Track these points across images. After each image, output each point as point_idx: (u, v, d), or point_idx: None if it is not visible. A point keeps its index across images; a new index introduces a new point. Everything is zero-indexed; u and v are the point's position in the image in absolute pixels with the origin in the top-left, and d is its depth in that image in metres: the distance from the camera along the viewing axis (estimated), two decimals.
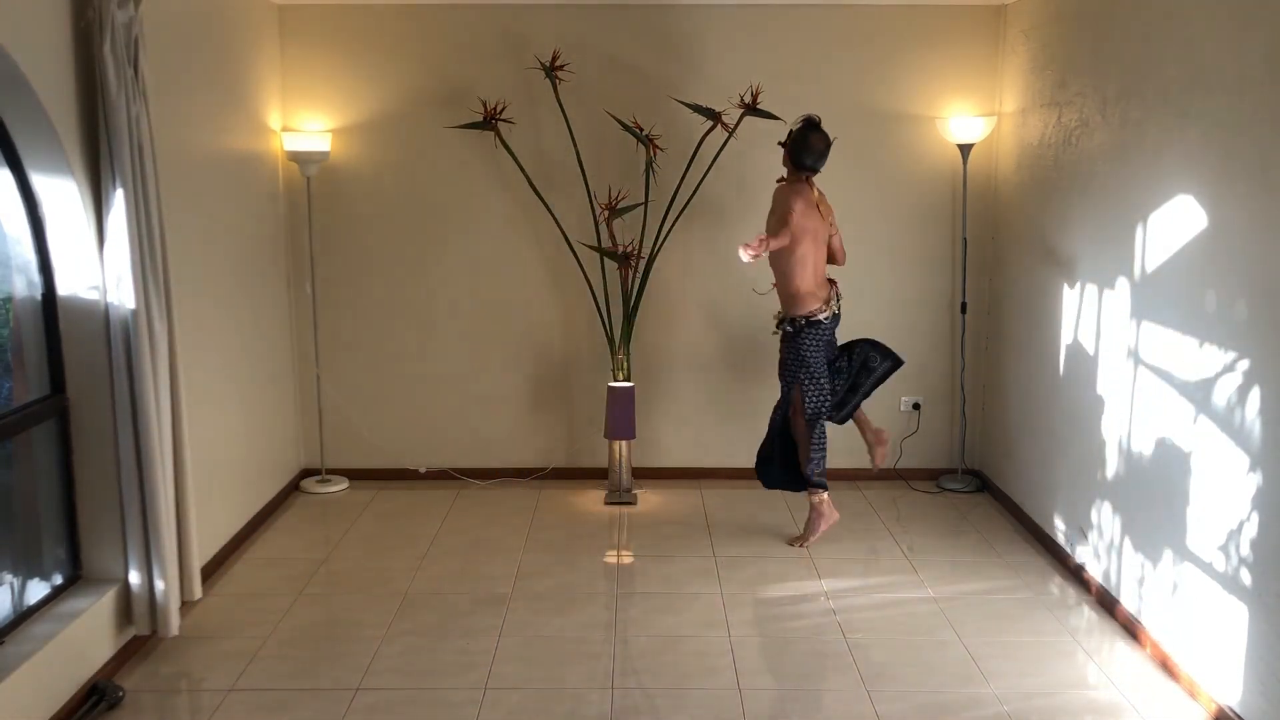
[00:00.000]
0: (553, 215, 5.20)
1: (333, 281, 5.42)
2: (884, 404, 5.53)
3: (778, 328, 4.65)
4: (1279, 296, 2.98)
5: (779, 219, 4.46)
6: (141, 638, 3.66)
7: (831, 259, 4.65)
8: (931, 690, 3.45)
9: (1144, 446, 3.76)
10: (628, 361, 5.24)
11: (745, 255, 4.21)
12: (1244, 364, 3.14)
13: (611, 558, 4.60)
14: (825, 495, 4.64)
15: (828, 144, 4.46)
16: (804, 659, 3.67)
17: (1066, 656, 3.69)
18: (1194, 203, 3.42)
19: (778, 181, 4.61)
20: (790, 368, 4.59)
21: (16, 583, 3.33)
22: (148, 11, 3.57)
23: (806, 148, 4.43)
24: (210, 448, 4.29)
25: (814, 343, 4.53)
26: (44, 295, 3.38)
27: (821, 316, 4.50)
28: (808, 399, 4.56)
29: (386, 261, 5.43)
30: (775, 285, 4.64)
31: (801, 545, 4.67)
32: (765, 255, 4.36)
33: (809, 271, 4.47)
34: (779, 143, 4.56)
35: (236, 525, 4.63)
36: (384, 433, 5.57)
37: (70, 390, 3.46)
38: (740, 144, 5.15)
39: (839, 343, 4.74)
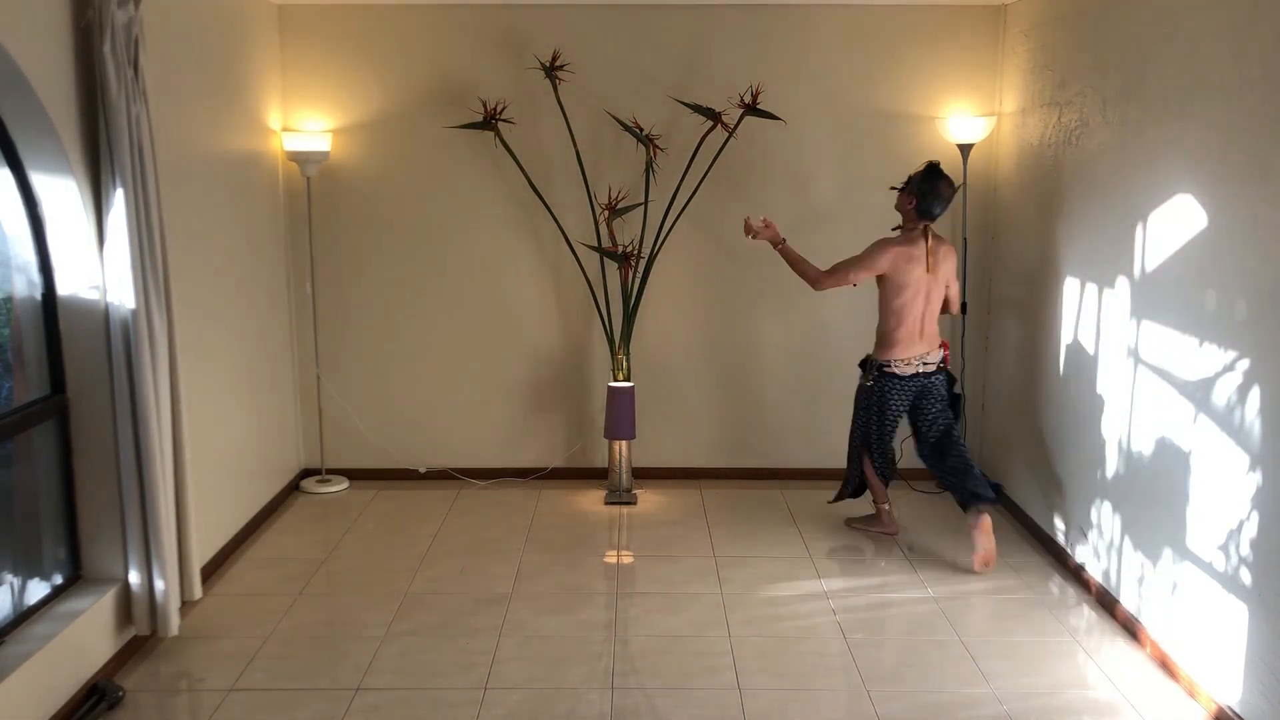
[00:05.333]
0: (553, 215, 5.19)
1: (333, 281, 5.42)
2: None
3: (861, 364, 4.65)
4: (1279, 296, 2.98)
5: (856, 263, 4.47)
6: (141, 638, 3.66)
7: (945, 308, 4.58)
8: (931, 690, 3.45)
9: (1144, 446, 3.76)
10: (628, 361, 5.24)
11: (751, 229, 4.56)
12: (1244, 364, 3.14)
13: (611, 558, 4.60)
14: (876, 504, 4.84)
15: (954, 189, 4.42)
16: (804, 659, 3.67)
17: (1066, 656, 3.69)
18: (1194, 203, 3.42)
19: (892, 230, 4.54)
20: (861, 403, 4.65)
21: (16, 583, 3.33)
22: (148, 11, 3.57)
23: (937, 195, 4.35)
24: (210, 448, 4.29)
25: (890, 392, 4.51)
26: (44, 295, 3.38)
27: (897, 369, 4.47)
28: (858, 433, 4.68)
29: (386, 261, 5.43)
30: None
31: (854, 526, 4.89)
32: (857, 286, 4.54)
33: (905, 323, 4.43)
34: (893, 188, 4.53)
35: (236, 525, 4.63)
36: (384, 433, 5.57)
37: (70, 390, 3.46)
38: (740, 144, 5.16)
39: (940, 408, 4.57)
